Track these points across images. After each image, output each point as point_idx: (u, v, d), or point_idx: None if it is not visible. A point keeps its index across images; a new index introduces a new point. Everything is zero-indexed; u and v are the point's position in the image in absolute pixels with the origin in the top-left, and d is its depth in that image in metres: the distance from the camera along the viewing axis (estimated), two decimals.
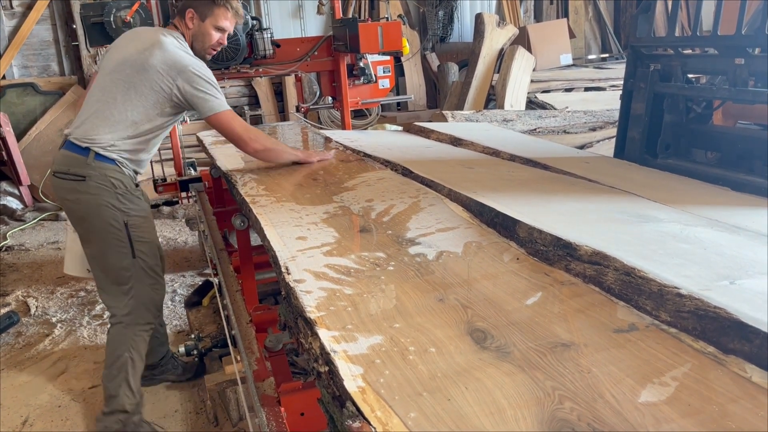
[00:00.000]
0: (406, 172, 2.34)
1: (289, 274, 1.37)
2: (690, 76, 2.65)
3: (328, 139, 3.27)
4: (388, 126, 4.54)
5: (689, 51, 2.96)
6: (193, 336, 2.57)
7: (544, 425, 0.81)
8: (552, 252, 1.41)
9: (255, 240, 2.27)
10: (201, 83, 2.33)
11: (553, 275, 1.32)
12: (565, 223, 1.54)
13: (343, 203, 1.95)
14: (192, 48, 2.49)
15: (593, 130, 4.91)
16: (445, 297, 1.22)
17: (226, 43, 2.60)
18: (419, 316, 1.14)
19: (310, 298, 1.25)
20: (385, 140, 3.26)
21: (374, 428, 0.82)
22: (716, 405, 0.83)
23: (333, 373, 0.99)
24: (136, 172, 2.46)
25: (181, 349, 2.46)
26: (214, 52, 2.59)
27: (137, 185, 2.44)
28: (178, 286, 3.87)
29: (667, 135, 2.69)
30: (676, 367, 0.93)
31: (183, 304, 3.43)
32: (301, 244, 1.58)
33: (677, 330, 1.04)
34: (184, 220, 4.90)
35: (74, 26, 6.79)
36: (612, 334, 1.04)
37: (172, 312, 3.51)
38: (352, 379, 0.94)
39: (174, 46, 2.37)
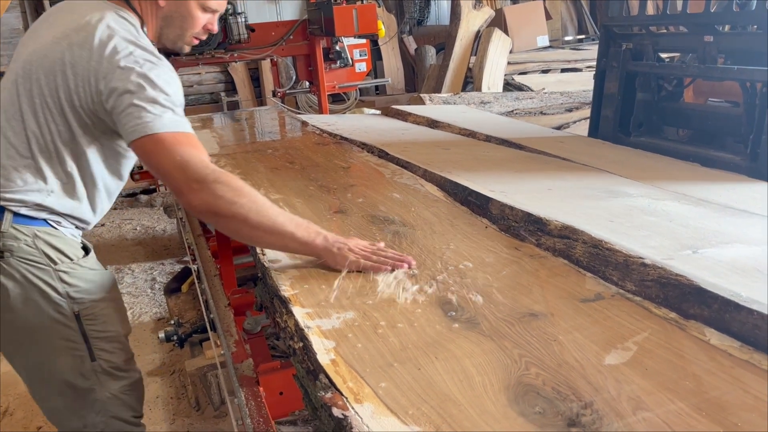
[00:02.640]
0: (383, 154, 2.35)
1: (264, 254, 1.38)
2: (662, 54, 2.69)
3: (304, 123, 3.26)
4: (366, 110, 4.54)
5: (660, 30, 2.99)
6: (172, 322, 2.58)
7: (510, 390, 0.83)
8: (523, 228, 1.43)
9: None
10: (144, 88, 1.35)
11: (524, 250, 1.34)
12: (536, 200, 1.57)
13: (318, 185, 1.96)
14: (161, 37, 1.58)
15: (569, 110, 4.95)
16: (420, 275, 1.24)
17: (216, 29, 1.66)
18: (392, 291, 1.16)
19: (285, 277, 1.26)
20: (362, 124, 3.27)
21: (346, 398, 0.84)
22: (676, 367, 0.86)
23: (307, 348, 1.01)
24: (83, 228, 1.59)
25: (161, 335, 2.47)
26: (197, 42, 1.64)
27: (87, 249, 1.58)
28: (158, 273, 3.86)
29: (639, 113, 2.72)
30: (638, 333, 0.96)
31: (162, 292, 3.43)
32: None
33: (641, 298, 1.07)
34: (162, 208, 4.87)
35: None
36: (579, 303, 1.07)
37: (152, 299, 3.50)
38: (325, 352, 0.96)
39: (116, 28, 1.43)
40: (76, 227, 1.57)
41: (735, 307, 0.93)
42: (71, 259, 1.51)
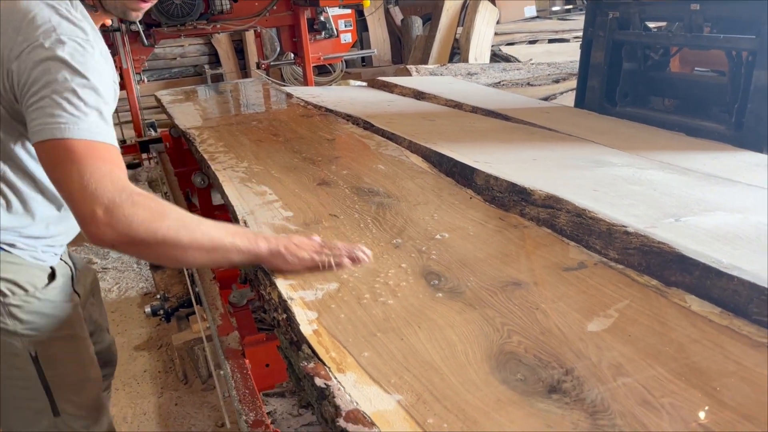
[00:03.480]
0: (368, 126, 2.33)
1: (247, 227, 1.37)
2: (648, 23, 2.67)
3: (289, 95, 3.22)
4: (352, 82, 4.50)
5: None
6: (158, 296, 2.57)
7: (492, 358, 0.83)
8: (507, 198, 1.43)
9: (220, 201, 2.25)
10: (65, 77, 1.07)
11: (508, 220, 1.34)
12: (521, 171, 1.56)
13: (303, 157, 1.94)
14: (102, 3, 1.25)
15: (557, 81, 4.93)
16: (401, 243, 1.23)
17: None
18: (376, 262, 1.15)
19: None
20: (347, 95, 3.23)
21: (328, 368, 0.84)
22: (656, 333, 0.87)
23: (290, 320, 1.00)
24: (51, 247, 1.32)
25: (147, 309, 2.46)
26: (146, 6, 1.26)
27: (53, 274, 1.30)
28: None
29: (625, 83, 2.71)
30: (620, 301, 0.96)
31: (148, 266, 3.41)
32: (260, 198, 1.57)
33: (624, 266, 1.07)
34: (146, 183, 4.83)
35: None
36: (562, 272, 1.07)
37: (138, 274, 3.48)
38: (307, 323, 0.96)
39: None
40: (43, 248, 1.28)
41: (716, 273, 0.93)
42: (26, 290, 1.24)
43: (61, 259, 1.36)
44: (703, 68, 3.13)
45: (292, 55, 4.15)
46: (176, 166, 3.25)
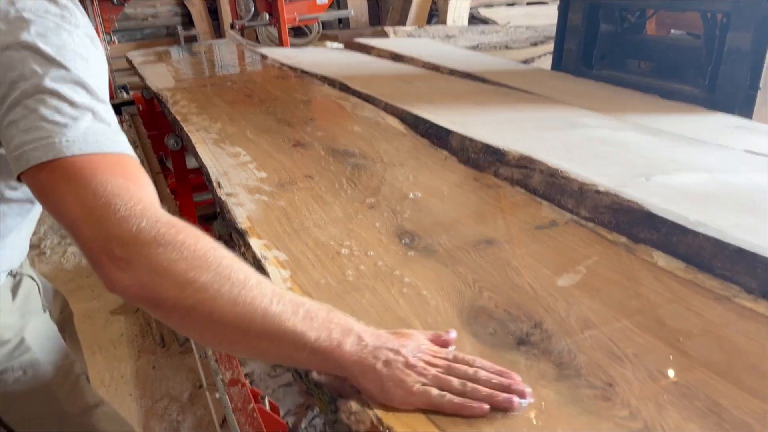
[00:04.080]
0: (344, 88, 2.31)
1: (221, 188, 1.36)
2: None
3: (264, 57, 3.17)
4: (328, 44, 4.41)
5: None
6: None
7: (464, 313, 0.85)
8: (482, 159, 1.43)
9: (194, 165, 2.22)
10: (44, 70, 0.77)
11: (482, 180, 1.35)
12: (496, 132, 1.56)
13: (278, 119, 1.91)
14: None
15: (535, 44, 4.91)
16: (375, 204, 1.24)
17: None
18: (350, 222, 1.16)
19: (243, 210, 1.24)
20: (324, 57, 3.19)
21: None
22: (623, 288, 0.89)
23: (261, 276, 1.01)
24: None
25: None
26: None
27: (19, 284, 1.11)
28: None
29: (602, 46, 2.71)
30: (589, 257, 0.98)
31: None
32: (234, 159, 1.55)
33: (594, 224, 1.09)
34: None
35: None
36: (533, 230, 1.09)
37: None
38: (282, 281, 0.96)
39: None
40: None
41: (682, 230, 0.95)
42: None
43: None
44: (679, 30, 3.14)
45: (267, 15, 4.05)
46: (149, 128, 3.20)
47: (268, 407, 1.36)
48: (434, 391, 0.65)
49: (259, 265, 1.03)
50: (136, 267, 0.66)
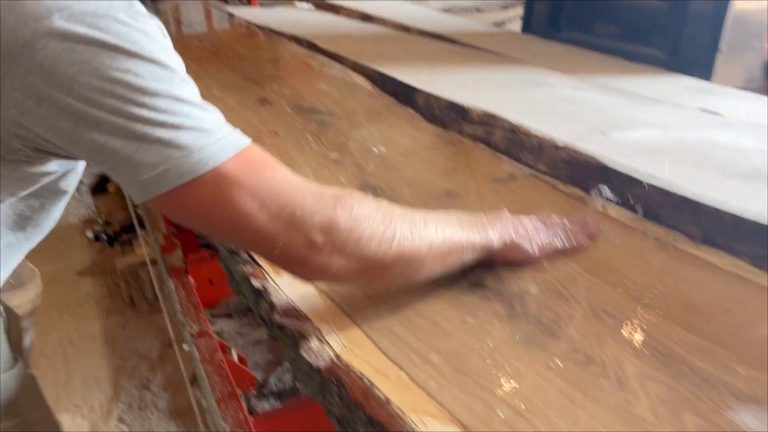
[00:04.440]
0: (312, 47, 2.29)
1: None
2: None
3: (231, 15, 3.12)
4: (297, 4, 4.35)
5: None
6: (100, 220, 2.53)
7: None
8: (447, 116, 1.45)
9: None
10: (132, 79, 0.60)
11: (446, 137, 1.37)
12: (461, 91, 1.58)
13: (244, 77, 1.90)
14: None
15: (506, 8, 4.90)
16: (341, 159, 1.25)
17: None
18: (315, 177, 1.17)
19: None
20: (292, 17, 3.15)
21: (265, 271, 0.87)
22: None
23: None
24: None
25: (89, 234, 2.42)
26: None
27: None
28: (84, 177, 3.73)
29: (570, 9, 2.73)
30: (545, 208, 1.01)
31: (89, 192, 3.33)
32: None
33: (551, 177, 1.12)
34: None
35: None
36: (493, 183, 1.12)
37: (79, 202, 3.40)
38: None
39: None
40: None
41: (633, 182, 0.99)
42: None
43: None
44: None
45: None
46: None
47: (236, 359, 1.40)
48: (554, 242, 0.87)
49: None
50: (346, 245, 0.67)
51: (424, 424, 0.60)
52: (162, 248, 1.66)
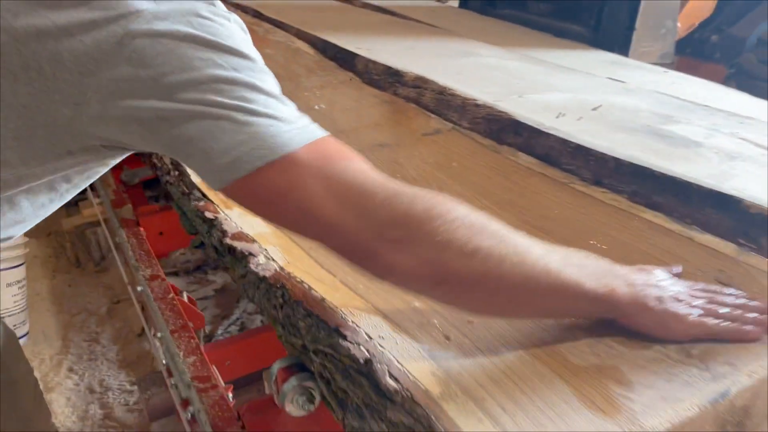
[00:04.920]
0: (257, 15, 2.36)
1: None
2: None
3: None
4: None
5: None
6: None
7: None
8: (383, 80, 1.58)
9: None
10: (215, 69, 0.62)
11: (381, 97, 1.50)
12: (397, 57, 1.71)
13: None
14: None
15: None
16: None
17: None
18: None
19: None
20: None
21: (216, 205, 0.98)
22: (487, 178, 1.08)
23: (181, 174, 1.13)
24: None
25: None
26: None
27: None
28: None
29: None
30: (463, 156, 1.16)
31: None
32: None
33: (472, 131, 1.27)
34: None
35: None
36: (421, 136, 1.26)
37: None
38: (196, 175, 1.08)
39: None
40: None
41: (539, 133, 1.15)
42: None
43: None
44: None
45: None
46: None
47: (186, 300, 1.50)
48: (710, 320, 0.66)
49: (175, 166, 1.15)
50: (418, 244, 0.61)
51: (352, 314, 0.73)
52: (113, 202, 1.73)
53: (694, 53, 3.09)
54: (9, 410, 0.95)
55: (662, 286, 0.68)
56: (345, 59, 1.75)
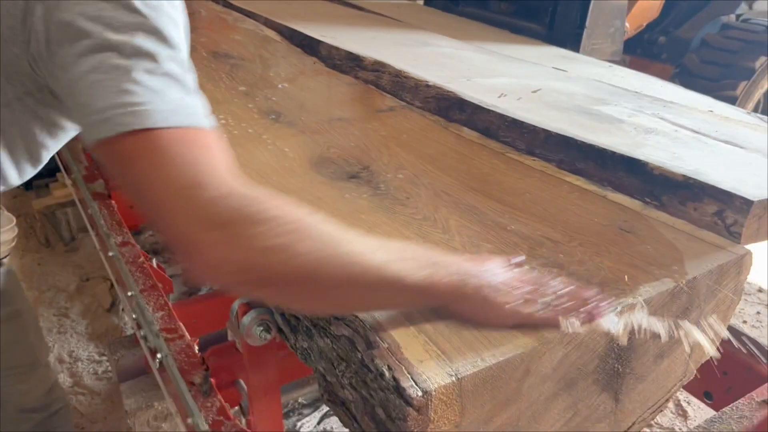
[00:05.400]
0: (227, 5, 2.46)
1: None
2: None
3: None
4: None
5: None
6: None
7: (313, 161, 1.12)
8: (345, 65, 1.69)
9: None
10: (130, 31, 0.68)
11: (342, 80, 1.61)
12: (359, 44, 1.82)
13: None
14: None
15: None
16: (250, 91, 1.47)
17: None
18: (227, 104, 1.38)
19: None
20: None
21: None
22: (434, 149, 1.19)
23: None
24: None
25: None
26: None
27: None
28: None
29: None
30: (415, 131, 1.27)
31: None
32: None
33: (423, 110, 1.39)
34: None
35: None
36: (375, 113, 1.37)
37: None
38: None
39: None
40: None
41: (481, 110, 1.27)
42: None
43: None
44: None
45: None
46: None
47: (155, 267, 1.58)
48: (524, 310, 0.69)
49: None
50: (239, 248, 0.61)
51: None
52: (84, 177, 1.80)
53: (643, 53, 3.27)
54: (15, 341, 1.05)
55: (487, 275, 0.69)
56: (310, 46, 1.86)
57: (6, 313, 1.01)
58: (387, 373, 0.65)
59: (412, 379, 0.63)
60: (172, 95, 0.67)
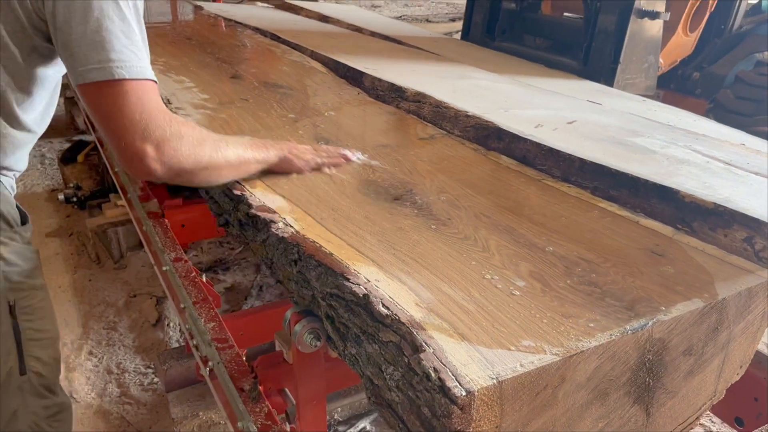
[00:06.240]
0: (275, 38, 2.59)
1: (170, 104, 1.64)
2: None
3: (198, 8, 3.38)
4: (258, 3, 4.62)
5: None
6: (71, 185, 2.73)
7: (360, 184, 1.20)
8: (387, 95, 1.78)
9: None
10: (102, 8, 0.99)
11: (385, 109, 1.70)
12: (401, 77, 1.91)
13: (216, 58, 2.18)
14: None
15: (453, 20, 5.32)
16: (298, 118, 1.56)
17: None
18: (278, 130, 1.48)
19: (190, 120, 1.53)
20: (256, 13, 3.43)
21: (242, 185, 1.17)
22: (474, 175, 1.26)
23: None
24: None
25: (61, 196, 2.62)
26: None
27: (24, 214, 1.16)
28: (46, 150, 3.89)
29: (504, 21, 3.12)
30: (455, 158, 1.35)
31: (56, 163, 3.51)
32: (179, 85, 1.83)
33: (462, 138, 1.46)
34: None
35: None
36: (417, 140, 1.45)
37: (42, 173, 3.57)
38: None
39: None
40: (12, 181, 1.15)
41: (518, 139, 1.34)
42: (11, 226, 1.10)
43: None
44: (572, 14, 3.60)
45: None
46: None
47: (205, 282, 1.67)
48: (318, 159, 1.26)
49: None
50: (167, 155, 1.03)
51: (354, 265, 0.91)
52: (140, 197, 1.92)
53: (677, 88, 3.31)
54: (48, 307, 1.22)
55: (296, 150, 1.25)
56: (354, 77, 1.96)
57: (40, 283, 1.19)
58: (433, 375, 0.71)
59: (456, 380, 0.69)
60: (137, 55, 1.00)
